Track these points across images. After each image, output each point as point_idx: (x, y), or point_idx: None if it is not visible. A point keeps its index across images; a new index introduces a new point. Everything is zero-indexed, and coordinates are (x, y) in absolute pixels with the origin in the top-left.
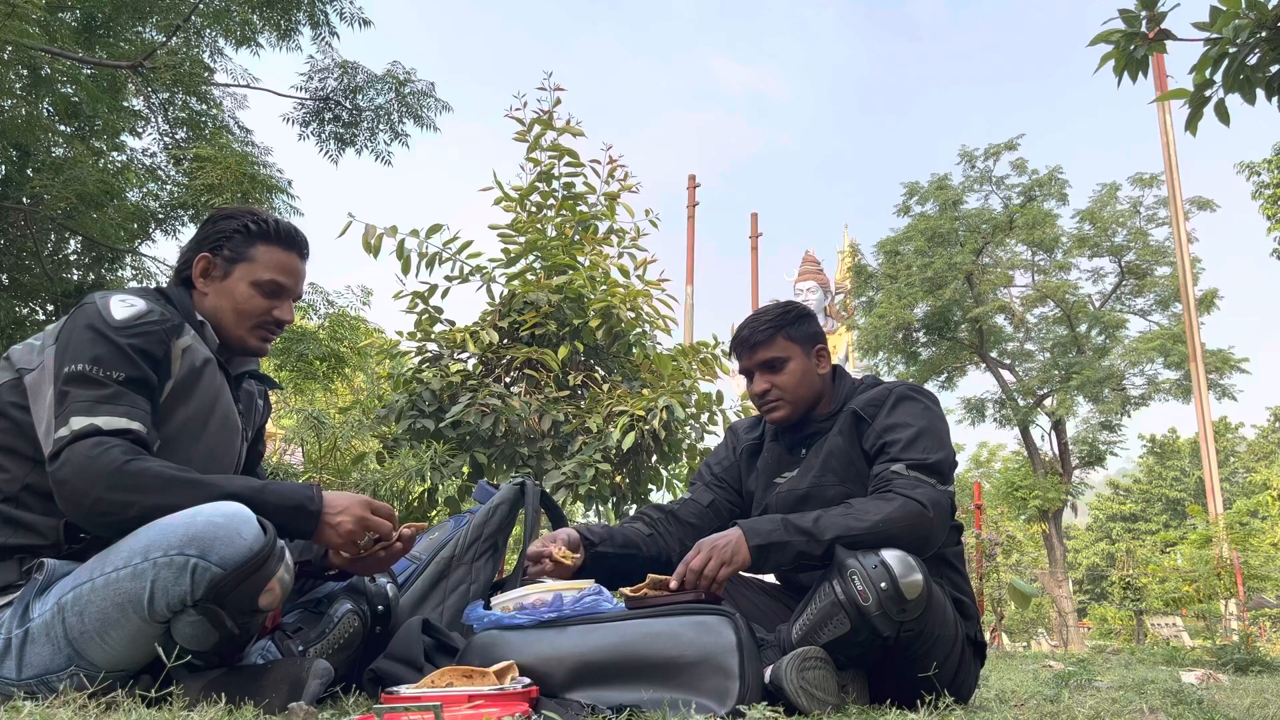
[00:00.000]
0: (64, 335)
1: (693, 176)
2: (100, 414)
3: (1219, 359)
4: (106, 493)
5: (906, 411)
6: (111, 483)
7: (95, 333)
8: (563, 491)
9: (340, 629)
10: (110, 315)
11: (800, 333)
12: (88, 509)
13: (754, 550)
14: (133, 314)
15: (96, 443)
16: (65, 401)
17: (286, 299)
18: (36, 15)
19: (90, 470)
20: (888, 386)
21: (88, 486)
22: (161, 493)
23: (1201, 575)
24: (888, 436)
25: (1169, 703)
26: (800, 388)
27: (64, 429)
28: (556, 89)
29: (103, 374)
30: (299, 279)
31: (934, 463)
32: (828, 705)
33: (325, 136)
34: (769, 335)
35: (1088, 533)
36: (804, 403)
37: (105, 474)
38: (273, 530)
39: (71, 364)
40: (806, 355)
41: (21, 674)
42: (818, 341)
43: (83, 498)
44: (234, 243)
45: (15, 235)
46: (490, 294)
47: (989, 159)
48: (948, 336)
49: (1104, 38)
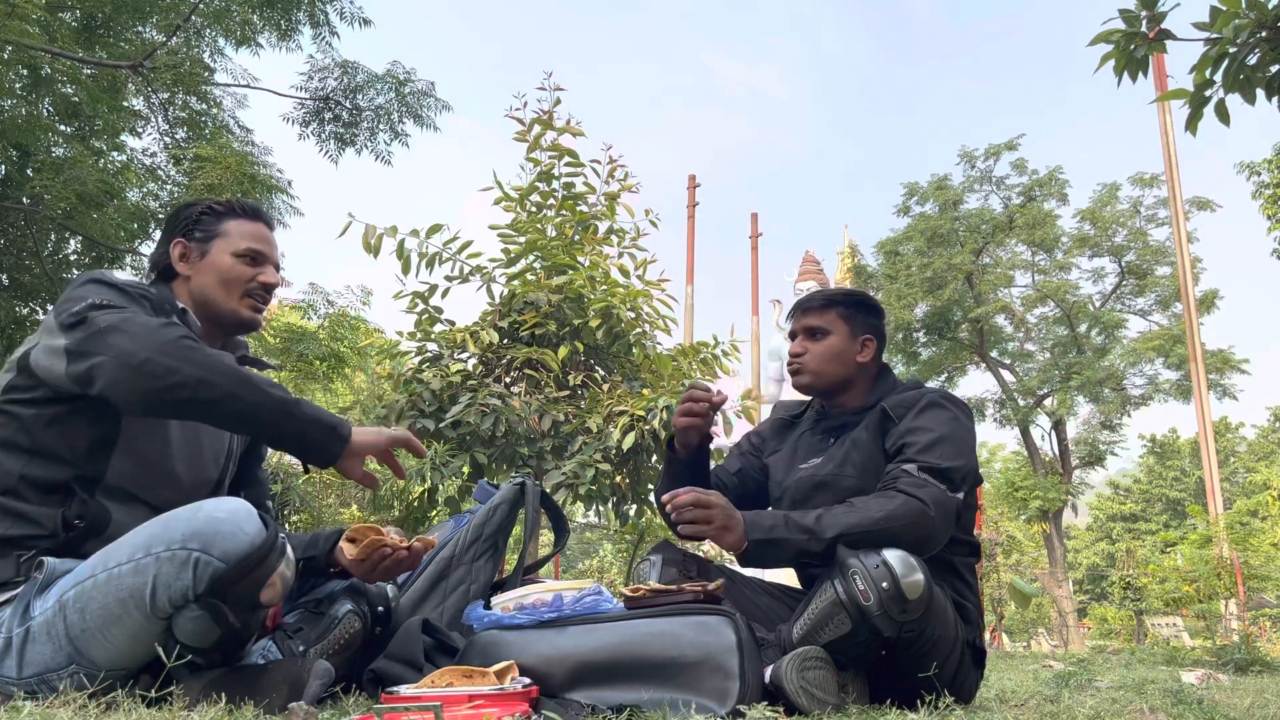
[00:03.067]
0: (63, 297)
1: (693, 176)
2: (124, 315)
3: (1219, 359)
4: (157, 354)
5: (933, 418)
6: (166, 349)
7: (99, 283)
8: (563, 491)
9: (341, 629)
10: (113, 276)
11: (854, 316)
12: (133, 369)
13: (753, 544)
14: (136, 280)
15: (147, 318)
16: (84, 324)
17: (267, 264)
18: (36, 15)
19: (145, 334)
20: (922, 391)
21: (137, 347)
22: (209, 370)
23: (1201, 575)
24: (908, 438)
25: (1169, 703)
26: (828, 363)
27: (81, 330)
28: (556, 89)
29: (112, 303)
30: (273, 246)
31: (946, 468)
32: (828, 705)
33: (325, 136)
34: (822, 304)
35: (1088, 533)
36: (827, 378)
37: (162, 340)
38: (274, 525)
39: (80, 302)
40: (851, 338)
41: (22, 673)
42: (869, 332)
43: (130, 358)
44: (204, 224)
45: (15, 235)
46: (490, 294)
47: (989, 159)
48: (948, 336)
49: (1104, 38)
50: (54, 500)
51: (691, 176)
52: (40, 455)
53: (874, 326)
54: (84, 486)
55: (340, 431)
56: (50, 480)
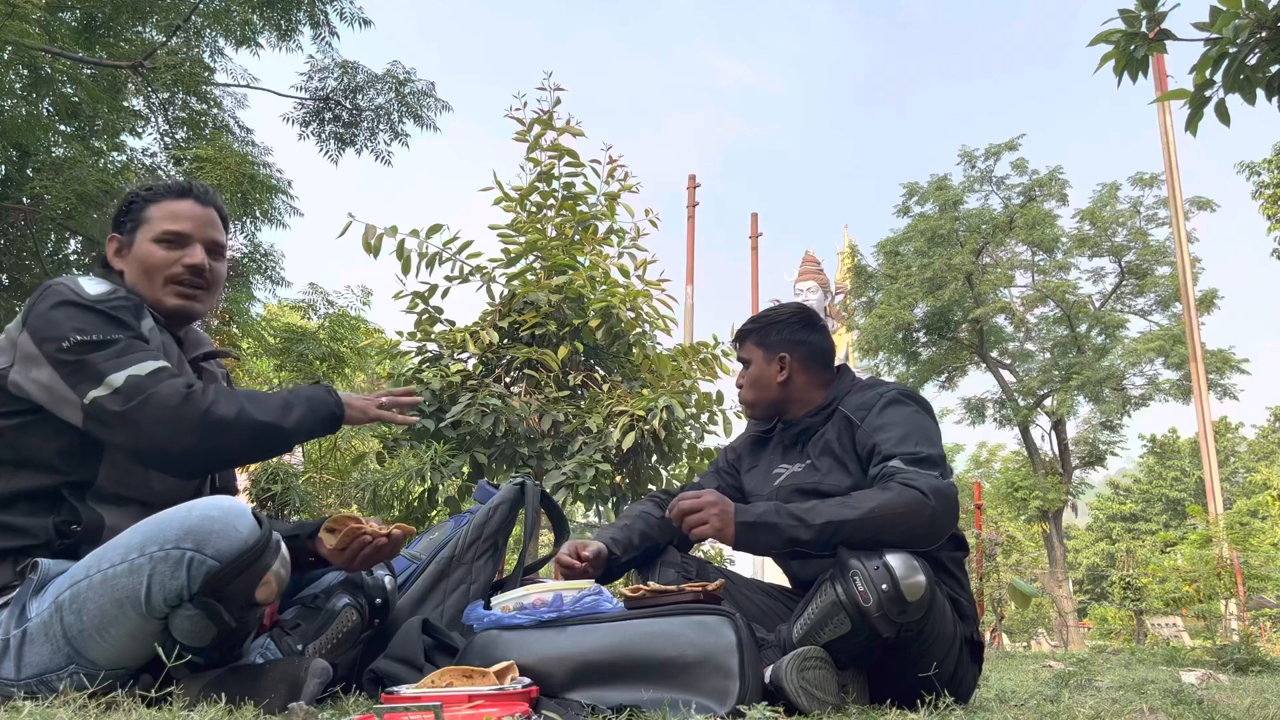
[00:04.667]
0: (36, 317)
1: (693, 176)
2: (129, 365)
3: (1219, 359)
4: (200, 442)
5: (894, 413)
6: (199, 428)
7: (76, 306)
8: (563, 491)
9: (339, 624)
10: (83, 291)
11: (764, 340)
12: (172, 458)
13: (740, 527)
14: (105, 290)
15: (169, 386)
16: (82, 368)
17: (193, 245)
18: (36, 15)
19: (175, 418)
20: (879, 390)
21: (175, 435)
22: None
23: (1201, 575)
24: (877, 437)
25: (1169, 703)
26: (755, 389)
27: (98, 389)
28: (556, 89)
29: (105, 336)
30: (202, 224)
31: (927, 455)
32: (828, 705)
33: (325, 136)
34: (741, 337)
35: (1088, 533)
36: (762, 404)
37: (193, 420)
38: (268, 523)
39: (67, 337)
40: (766, 362)
41: (21, 674)
42: (783, 350)
43: (170, 445)
44: (132, 213)
45: (15, 235)
46: (490, 294)
47: (989, 159)
48: (948, 337)
49: (1104, 38)
50: (44, 510)
51: (691, 176)
52: (26, 466)
53: (789, 342)
54: (74, 493)
55: (335, 411)
56: (38, 488)
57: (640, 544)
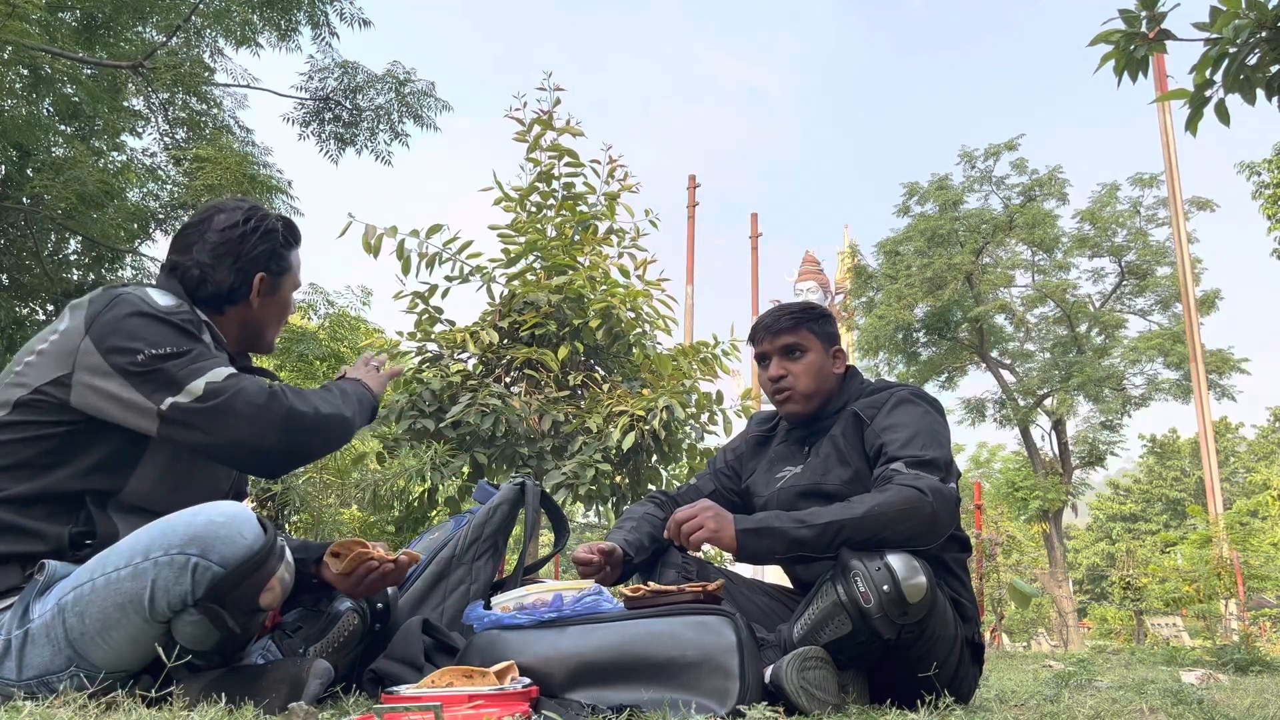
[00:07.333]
0: (102, 326)
1: (693, 176)
2: (205, 373)
3: (1219, 359)
4: (285, 437)
5: (904, 413)
6: (282, 425)
7: (147, 318)
8: (563, 491)
9: (341, 627)
10: (154, 302)
11: (822, 330)
12: (261, 454)
13: (740, 534)
14: (174, 303)
15: (253, 383)
16: (158, 378)
17: None
18: (36, 15)
19: (260, 414)
20: (890, 390)
21: (262, 431)
22: (317, 429)
23: (1201, 575)
24: (885, 437)
25: (1169, 703)
26: (813, 380)
27: (177, 396)
28: (556, 89)
29: (179, 348)
30: None
31: (932, 458)
32: (828, 705)
33: (325, 136)
34: (793, 324)
35: (1088, 533)
36: (816, 396)
37: (277, 419)
38: (273, 529)
39: (141, 350)
40: (824, 352)
41: (22, 675)
42: (835, 343)
43: (259, 441)
44: (279, 258)
45: (15, 235)
46: (490, 294)
47: (989, 159)
48: (948, 336)
49: (1104, 38)
50: (62, 516)
51: (691, 176)
52: (57, 468)
53: (835, 335)
54: (96, 500)
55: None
56: (64, 492)
57: (650, 546)
